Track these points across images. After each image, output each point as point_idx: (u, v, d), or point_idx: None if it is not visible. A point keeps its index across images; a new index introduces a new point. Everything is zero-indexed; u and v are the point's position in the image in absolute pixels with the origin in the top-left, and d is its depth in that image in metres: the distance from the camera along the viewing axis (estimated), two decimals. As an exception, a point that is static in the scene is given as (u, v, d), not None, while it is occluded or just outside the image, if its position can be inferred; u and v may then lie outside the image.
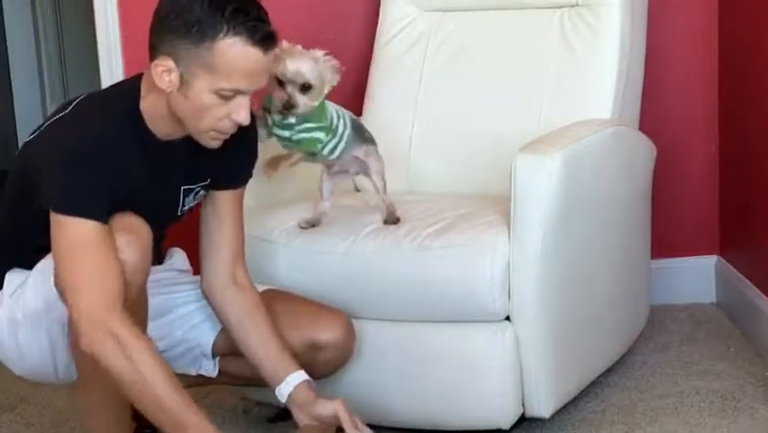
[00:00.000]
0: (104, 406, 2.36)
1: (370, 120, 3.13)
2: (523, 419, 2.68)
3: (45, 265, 2.29)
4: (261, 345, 2.46)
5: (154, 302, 2.40)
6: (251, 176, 2.53)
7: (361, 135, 2.73)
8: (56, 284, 2.23)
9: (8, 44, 6.17)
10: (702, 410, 2.78)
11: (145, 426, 2.59)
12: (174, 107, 2.24)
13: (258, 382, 2.59)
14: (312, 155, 2.64)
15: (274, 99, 2.55)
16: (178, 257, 2.68)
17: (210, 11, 2.15)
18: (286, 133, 2.58)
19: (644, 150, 3.08)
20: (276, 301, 2.57)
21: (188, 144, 2.35)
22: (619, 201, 2.93)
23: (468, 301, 2.58)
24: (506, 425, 2.65)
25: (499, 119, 3.01)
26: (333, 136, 2.63)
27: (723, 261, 3.50)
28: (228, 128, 2.26)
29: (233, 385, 2.78)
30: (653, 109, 3.35)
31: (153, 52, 2.21)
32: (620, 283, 2.99)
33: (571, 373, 2.75)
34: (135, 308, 2.25)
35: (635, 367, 3.07)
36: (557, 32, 3.06)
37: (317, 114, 2.59)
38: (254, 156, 2.53)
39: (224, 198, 2.49)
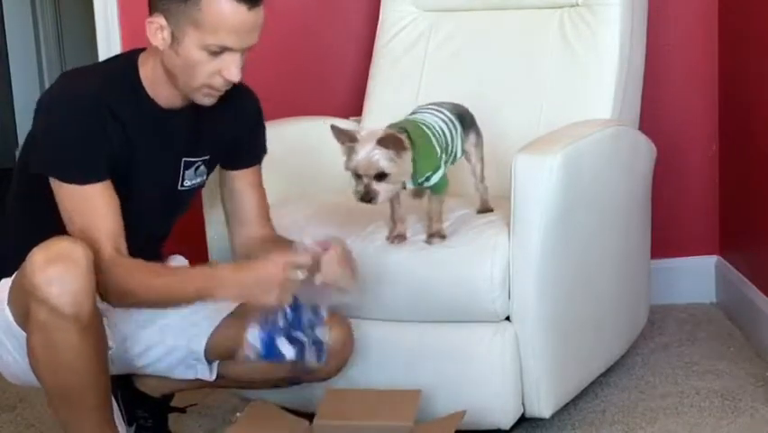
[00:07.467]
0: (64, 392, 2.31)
1: (369, 120, 3.13)
2: (523, 419, 2.68)
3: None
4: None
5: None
6: (263, 153, 2.54)
7: (463, 123, 2.69)
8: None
9: (8, 42, 6.17)
10: (702, 410, 2.79)
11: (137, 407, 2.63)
12: (167, 64, 2.29)
13: (259, 385, 2.58)
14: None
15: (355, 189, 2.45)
16: (176, 263, 2.66)
17: None
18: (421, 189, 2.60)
19: (644, 150, 3.08)
20: None
21: (190, 115, 2.38)
22: (619, 201, 2.93)
23: (468, 301, 2.58)
24: (506, 425, 2.65)
25: (499, 119, 3.01)
26: (451, 149, 2.62)
27: (723, 261, 3.50)
28: (220, 85, 2.30)
29: (233, 388, 2.76)
30: (653, 109, 3.35)
31: (149, 10, 2.28)
32: (620, 283, 2.99)
33: (571, 373, 2.75)
34: (90, 331, 2.22)
35: (635, 367, 3.07)
36: (557, 32, 3.06)
37: (425, 159, 2.52)
38: (262, 134, 2.54)
39: (238, 178, 2.51)
